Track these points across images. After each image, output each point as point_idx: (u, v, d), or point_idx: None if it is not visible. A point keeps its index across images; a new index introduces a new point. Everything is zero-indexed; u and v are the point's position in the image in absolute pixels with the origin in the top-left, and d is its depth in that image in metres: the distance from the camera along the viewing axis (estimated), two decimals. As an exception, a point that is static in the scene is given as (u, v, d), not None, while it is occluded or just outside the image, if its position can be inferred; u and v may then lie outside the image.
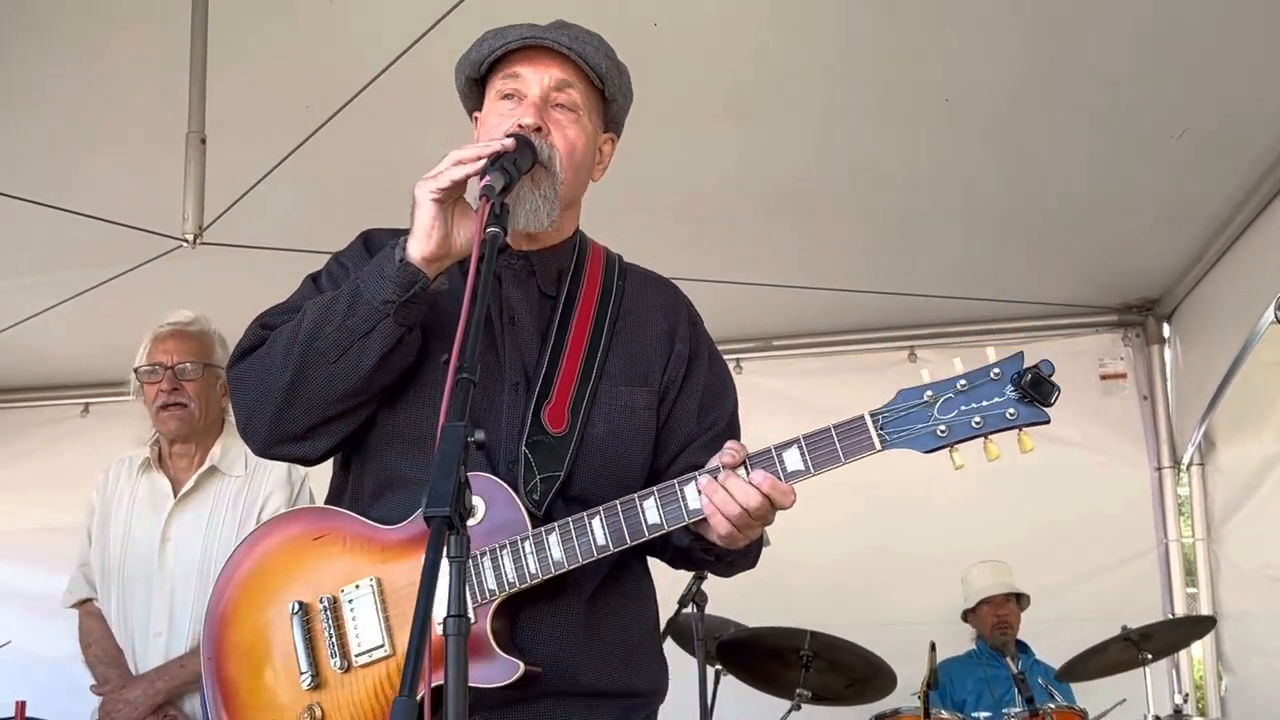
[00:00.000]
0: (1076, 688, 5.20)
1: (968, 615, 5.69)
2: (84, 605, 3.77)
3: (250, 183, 4.08)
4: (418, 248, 2.00)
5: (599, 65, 2.16)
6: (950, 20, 3.89)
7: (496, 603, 2.00)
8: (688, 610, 4.33)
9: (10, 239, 4.90)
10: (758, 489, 1.90)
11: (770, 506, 1.92)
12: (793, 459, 1.93)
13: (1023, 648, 5.58)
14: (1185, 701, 4.99)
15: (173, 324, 3.74)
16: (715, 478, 1.92)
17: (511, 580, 1.99)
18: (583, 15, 2.28)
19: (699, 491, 1.94)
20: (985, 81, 4.16)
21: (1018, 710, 4.51)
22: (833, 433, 1.91)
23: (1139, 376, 6.15)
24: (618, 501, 1.98)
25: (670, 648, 3.88)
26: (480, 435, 1.63)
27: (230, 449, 3.71)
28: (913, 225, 5.02)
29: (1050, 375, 1.91)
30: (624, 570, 2.20)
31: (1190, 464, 6.03)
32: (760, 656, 4.80)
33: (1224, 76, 4.08)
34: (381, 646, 2.06)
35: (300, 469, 3.54)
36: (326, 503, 2.26)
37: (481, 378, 2.13)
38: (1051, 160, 4.66)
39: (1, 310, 5.41)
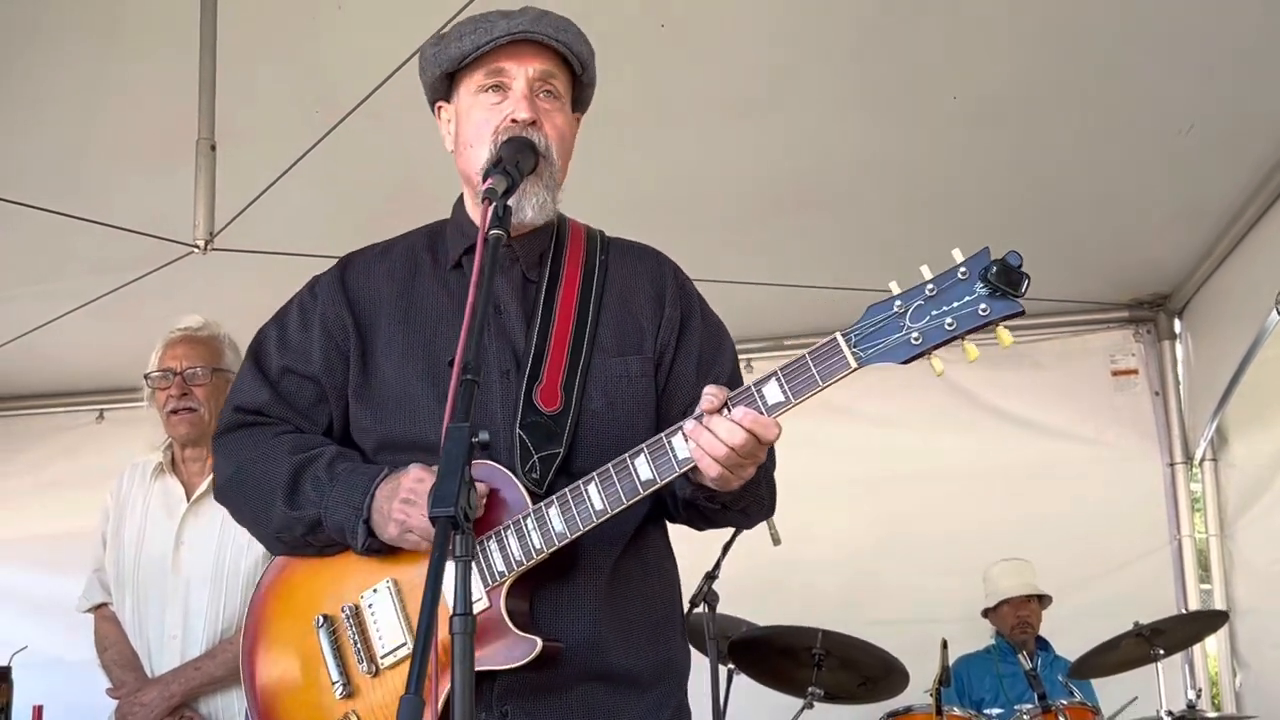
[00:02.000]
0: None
1: (988, 613, 5.67)
2: (99, 610, 3.78)
3: (260, 188, 4.10)
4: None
5: (581, 53, 2.21)
6: (958, 18, 3.89)
7: (508, 583, 2.01)
8: (700, 610, 4.32)
9: (23, 246, 4.92)
10: (739, 424, 1.88)
11: (757, 442, 1.89)
12: (772, 392, 1.90)
13: (1043, 644, 5.57)
14: (1199, 697, 4.96)
15: (182, 329, 3.76)
16: (700, 422, 1.91)
17: (519, 559, 2.00)
18: (588, 15, 2.29)
19: (685, 438, 1.93)
20: (993, 79, 4.16)
21: (1030, 707, 4.50)
22: (808, 359, 1.88)
23: (1150, 372, 6.13)
24: (610, 464, 1.98)
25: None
26: (484, 436, 1.66)
27: (242, 452, 3.72)
28: (922, 224, 5.01)
29: (1019, 265, 1.83)
30: (644, 544, 2.20)
31: (1203, 459, 6.02)
32: (772, 655, 4.80)
33: (1233, 72, 4.08)
34: (405, 644, 2.09)
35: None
36: None
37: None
38: (1060, 157, 4.65)
39: (15, 317, 5.43)
